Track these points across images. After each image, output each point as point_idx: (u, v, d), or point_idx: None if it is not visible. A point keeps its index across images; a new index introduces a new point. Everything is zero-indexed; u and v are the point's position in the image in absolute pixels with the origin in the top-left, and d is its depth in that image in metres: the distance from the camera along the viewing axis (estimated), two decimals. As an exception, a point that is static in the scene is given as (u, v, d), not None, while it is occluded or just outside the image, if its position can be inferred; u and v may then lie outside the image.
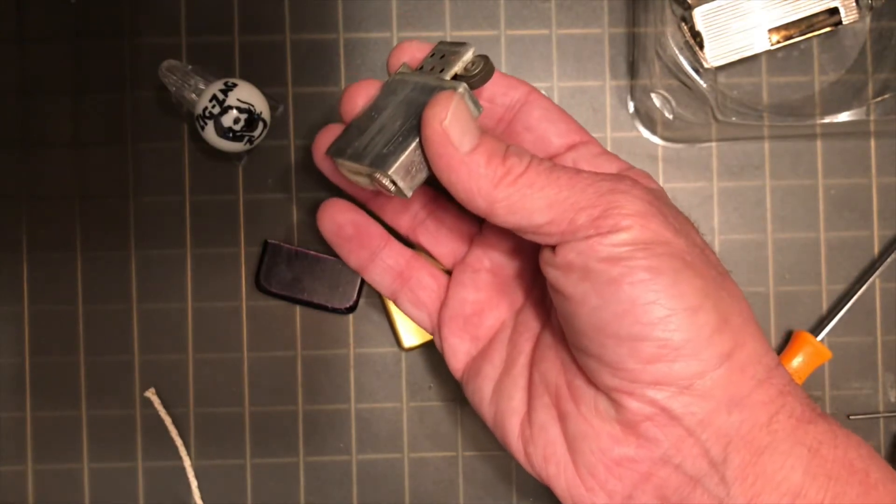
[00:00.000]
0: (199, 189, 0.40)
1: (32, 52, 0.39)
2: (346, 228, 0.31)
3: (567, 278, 0.25)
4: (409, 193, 0.26)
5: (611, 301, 0.24)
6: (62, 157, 0.39)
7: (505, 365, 0.30)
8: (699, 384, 0.24)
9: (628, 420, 0.25)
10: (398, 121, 0.27)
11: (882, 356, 0.40)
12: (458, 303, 0.31)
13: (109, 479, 0.39)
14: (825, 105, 0.40)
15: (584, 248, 0.24)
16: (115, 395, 0.39)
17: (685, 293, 0.24)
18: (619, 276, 0.24)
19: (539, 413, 0.28)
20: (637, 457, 0.25)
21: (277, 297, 0.39)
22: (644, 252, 0.24)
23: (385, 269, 0.32)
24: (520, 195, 0.25)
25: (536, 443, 0.27)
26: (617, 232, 0.24)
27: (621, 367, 0.24)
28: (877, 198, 0.40)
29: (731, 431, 0.24)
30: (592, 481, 0.26)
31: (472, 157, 0.25)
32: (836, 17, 0.39)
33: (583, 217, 0.24)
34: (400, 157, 0.26)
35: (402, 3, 0.40)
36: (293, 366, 0.40)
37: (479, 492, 0.40)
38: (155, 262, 0.39)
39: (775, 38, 0.39)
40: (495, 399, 0.29)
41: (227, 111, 0.35)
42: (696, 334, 0.24)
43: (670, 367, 0.24)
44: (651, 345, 0.24)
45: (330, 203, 0.31)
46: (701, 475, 0.24)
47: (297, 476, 0.40)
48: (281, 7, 0.40)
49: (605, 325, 0.24)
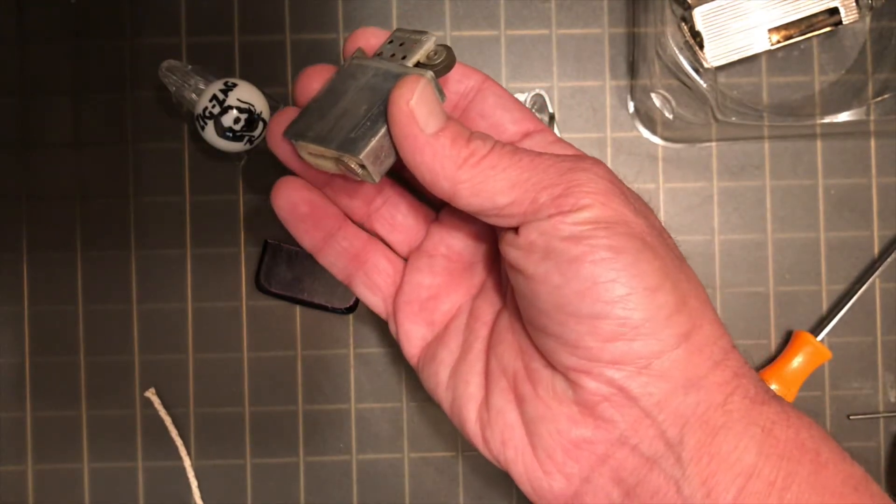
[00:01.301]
0: (199, 189, 0.40)
1: (32, 52, 0.39)
2: (300, 207, 0.30)
3: (529, 258, 0.25)
4: (378, 178, 0.26)
5: (572, 279, 0.24)
6: (62, 157, 0.39)
7: (461, 350, 0.30)
8: (657, 364, 0.24)
9: (586, 401, 0.25)
10: (363, 105, 0.27)
11: (882, 356, 0.40)
12: (413, 287, 0.31)
13: (109, 479, 0.39)
14: (825, 105, 0.40)
15: (547, 228, 0.24)
16: (115, 395, 0.39)
17: (645, 272, 0.24)
18: (580, 255, 0.24)
19: (496, 397, 0.28)
20: (594, 438, 0.25)
21: (277, 297, 0.39)
22: (605, 231, 0.24)
23: (340, 251, 0.31)
24: (483, 176, 0.25)
25: (494, 427, 0.27)
26: (578, 210, 0.24)
27: (580, 345, 0.25)
28: (877, 198, 0.40)
29: (687, 412, 0.24)
30: (550, 464, 0.26)
31: (437, 138, 0.25)
32: (836, 17, 0.39)
33: (544, 196, 0.25)
34: (370, 141, 0.26)
35: (402, 3, 0.40)
36: (293, 366, 0.40)
37: (479, 492, 0.40)
38: (155, 262, 0.39)
39: (775, 38, 0.39)
40: (451, 384, 0.29)
41: (227, 111, 0.35)
42: (655, 314, 0.24)
43: (629, 345, 0.24)
44: (611, 323, 0.24)
45: (285, 181, 0.30)
46: (657, 456, 0.25)
47: (297, 476, 0.40)
48: (281, 7, 0.40)
49: (566, 304, 0.24)
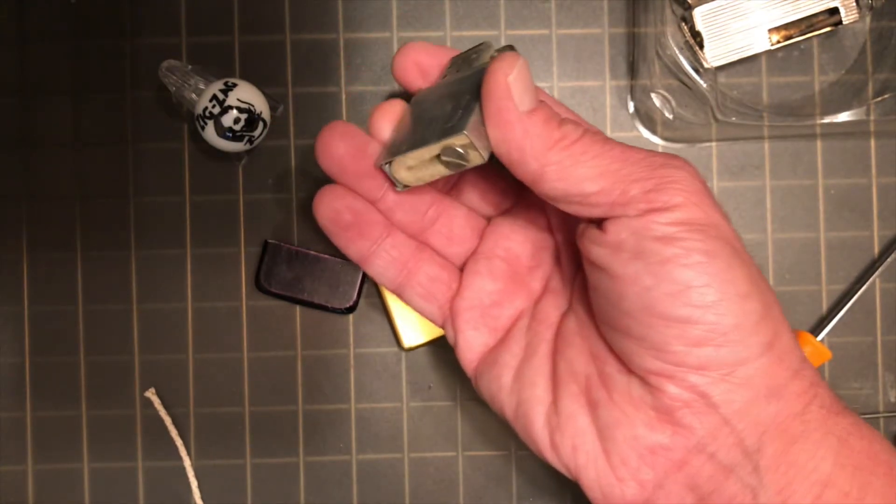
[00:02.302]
0: (199, 189, 0.40)
1: (32, 52, 0.39)
2: (343, 215, 0.29)
3: (616, 257, 0.24)
4: (486, 155, 0.26)
5: (663, 281, 0.24)
6: (62, 157, 0.39)
7: (524, 353, 0.29)
8: (741, 372, 0.24)
9: (665, 406, 0.25)
10: (448, 106, 0.26)
11: (882, 356, 0.40)
12: (475, 293, 0.30)
13: (109, 479, 0.39)
14: (825, 105, 0.40)
15: (638, 226, 0.24)
16: (115, 395, 0.39)
17: (737, 279, 0.24)
18: (673, 257, 0.23)
19: (566, 402, 0.27)
20: (671, 445, 0.25)
21: (277, 297, 0.39)
22: (699, 234, 0.24)
23: (389, 260, 0.30)
24: (572, 161, 0.25)
25: (564, 432, 0.27)
26: (671, 209, 0.24)
27: (667, 349, 0.24)
28: (877, 198, 0.40)
29: (766, 421, 0.24)
30: (624, 470, 0.26)
31: (530, 116, 0.25)
32: (836, 17, 0.39)
33: (635, 189, 0.24)
34: (469, 117, 0.25)
35: (402, 3, 0.40)
36: (293, 366, 0.40)
37: (479, 492, 0.40)
38: (155, 262, 0.39)
39: (775, 38, 0.39)
40: (516, 388, 0.28)
41: (227, 111, 0.35)
42: (744, 321, 0.24)
43: (716, 351, 0.24)
44: (700, 328, 0.24)
45: (328, 189, 0.29)
46: (735, 464, 0.24)
47: (297, 476, 0.40)
48: (281, 7, 0.40)
49: (655, 306, 0.24)
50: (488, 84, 0.25)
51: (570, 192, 0.25)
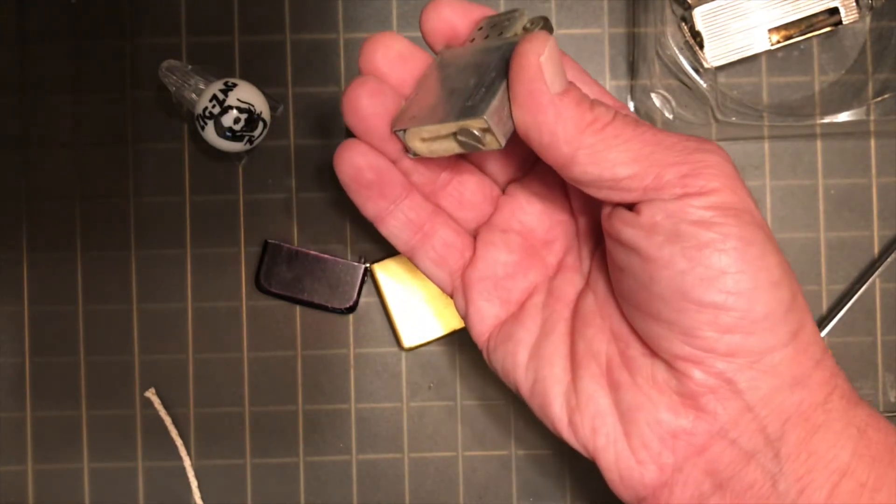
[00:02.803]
0: (199, 189, 0.40)
1: (32, 52, 0.39)
2: (365, 173, 0.28)
3: (651, 240, 0.24)
4: (504, 141, 0.25)
5: (698, 265, 0.23)
6: (62, 157, 0.39)
7: (541, 331, 0.28)
8: (767, 360, 0.24)
9: (690, 391, 0.25)
10: (471, 79, 0.26)
11: (882, 356, 0.40)
12: (489, 264, 0.29)
13: (109, 479, 0.39)
14: (825, 105, 0.40)
15: (674, 209, 0.24)
16: (115, 395, 0.39)
17: (771, 266, 0.24)
18: (710, 241, 0.23)
19: (586, 382, 0.27)
20: (694, 429, 0.25)
21: (277, 297, 0.39)
22: (735, 220, 0.24)
23: (406, 221, 0.29)
24: (605, 144, 0.24)
25: (584, 413, 0.27)
26: (707, 194, 0.23)
27: (697, 334, 0.24)
28: (877, 198, 0.40)
29: (789, 409, 0.24)
30: (644, 453, 0.25)
31: (562, 98, 0.24)
32: (836, 17, 0.39)
33: (670, 173, 0.24)
34: (491, 101, 0.24)
35: (402, 3, 0.40)
36: (293, 366, 0.40)
37: (479, 492, 0.40)
38: (155, 262, 0.39)
39: (775, 38, 0.39)
40: (532, 366, 0.28)
41: (227, 111, 0.35)
42: (775, 309, 0.24)
43: (746, 339, 0.24)
44: (733, 315, 0.23)
45: (350, 143, 0.28)
46: (756, 450, 0.24)
47: (297, 476, 0.40)
48: (281, 7, 0.40)
49: (688, 290, 0.24)
50: (518, 65, 0.24)
51: (602, 177, 0.24)
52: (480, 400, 0.40)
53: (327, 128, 0.40)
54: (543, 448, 0.40)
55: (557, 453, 0.40)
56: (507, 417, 0.40)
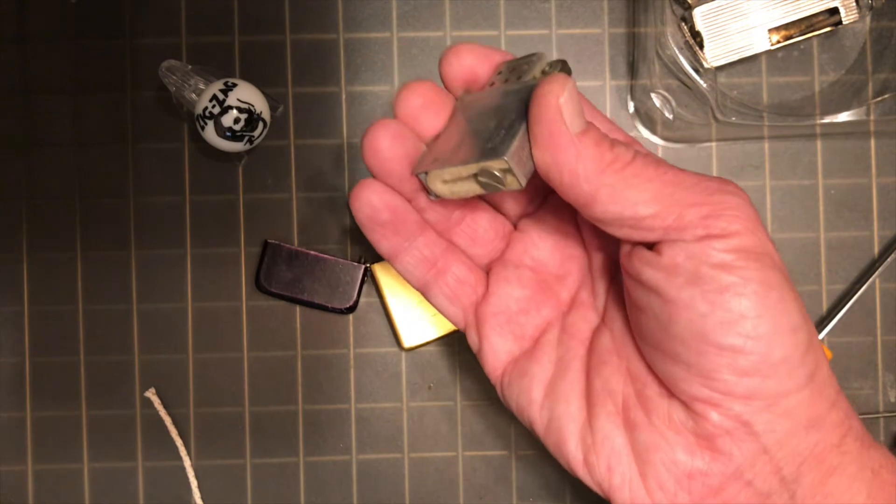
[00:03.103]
0: (199, 189, 0.40)
1: (32, 52, 0.39)
2: (382, 213, 0.28)
3: (671, 281, 0.24)
4: (524, 182, 0.25)
5: (719, 309, 0.23)
6: (62, 157, 0.39)
7: (556, 368, 0.29)
8: (784, 402, 0.24)
9: (706, 432, 0.25)
10: (492, 122, 0.26)
11: (882, 356, 0.40)
12: (502, 299, 0.30)
13: (109, 479, 0.39)
14: (825, 105, 0.40)
15: (696, 251, 0.24)
16: (115, 395, 0.39)
17: (790, 311, 0.24)
18: (731, 285, 0.23)
19: (601, 421, 0.27)
20: (710, 471, 0.25)
21: (277, 297, 0.39)
22: (756, 263, 0.24)
23: (420, 258, 0.29)
24: (625, 184, 0.24)
25: (600, 452, 0.27)
26: (729, 236, 0.24)
27: (715, 377, 0.24)
28: (877, 198, 0.40)
29: (805, 451, 0.24)
30: (660, 494, 0.26)
31: (582, 139, 0.24)
32: (836, 17, 0.39)
33: (691, 214, 0.24)
34: (511, 142, 0.25)
35: (402, 3, 0.40)
36: (293, 366, 0.40)
37: (479, 492, 0.40)
38: (155, 262, 0.39)
39: (775, 38, 0.39)
40: (548, 404, 0.28)
41: (227, 111, 0.35)
42: (793, 352, 0.24)
43: (764, 382, 0.24)
44: (752, 358, 0.24)
45: (366, 183, 0.28)
46: (771, 492, 0.25)
47: (297, 476, 0.40)
48: (281, 7, 0.40)
49: (708, 333, 0.24)
50: (538, 106, 0.24)
51: (623, 216, 0.24)
52: (480, 400, 0.40)
53: (327, 128, 0.40)
54: (543, 448, 0.40)
55: (557, 453, 0.40)
56: (507, 417, 0.40)
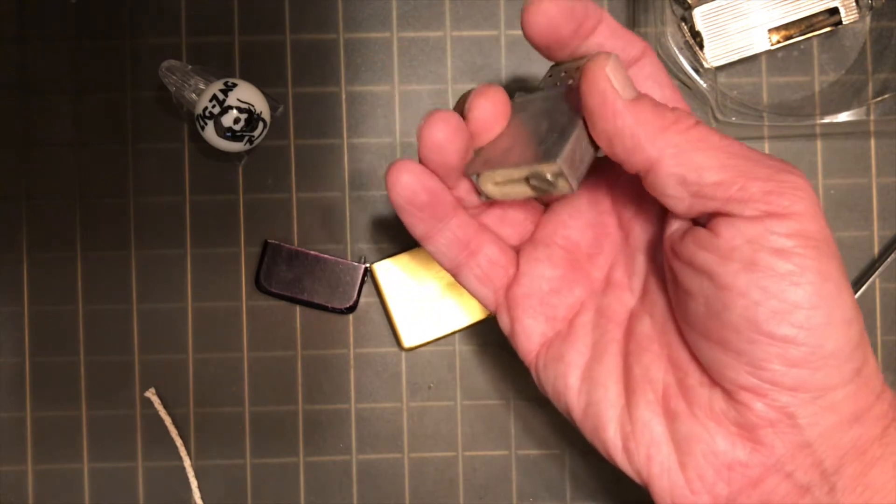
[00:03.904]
0: (199, 189, 0.40)
1: (32, 52, 0.39)
2: (420, 196, 0.28)
3: (726, 266, 0.23)
4: (577, 186, 0.25)
5: (774, 297, 0.23)
6: (62, 157, 0.39)
7: (592, 353, 0.28)
8: (831, 396, 0.24)
9: (749, 423, 0.25)
10: (543, 124, 0.26)
11: (882, 356, 0.40)
12: (533, 279, 0.29)
13: (109, 479, 0.39)
14: (825, 105, 0.40)
15: (755, 235, 0.23)
16: (115, 395, 0.39)
17: (845, 304, 0.24)
18: (788, 273, 0.23)
19: (641, 409, 0.27)
20: (750, 462, 0.25)
21: (277, 297, 0.39)
22: (815, 252, 0.23)
23: (452, 240, 0.29)
24: (691, 146, 0.24)
25: (639, 440, 0.26)
26: (790, 217, 0.23)
27: (764, 366, 0.24)
28: (877, 198, 0.40)
29: (846, 444, 0.24)
30: (699, 484, 0.25)
31: (638, 103, 0.24)
32: (836, 17, 0.39)
33: (755, 187, 0.23)
34: (564, 146, 0.25)
35: (402, 3, 0.40)
36: (293, 366, 0.40)
37: (479, 492, 0.40)
38: (155, 262, 0.39)
39: (775, 38, 0.39)
40: (585, 388, 0.28)
41: (227, 111, 0.35)
42: (844, 346, 0.24)
43: (813, 374, 0.23)
44: (803, 349, 0.23)
45: (404, 164, 0.27)
46: (811, 485, 0.24)
47: (297, 476, 0.40)
48: (281, 7, 0.40)
49: (763, 322, 0.23)
50: (587, 81, 0.24)
51: (688, 180, 0.24)
52: (480, 400, 0.40)
53: (327, 128, 0.40)
54: (543, 448, 0.40)
55: (558, 453, 0.40)
56: (507, 417, 0.40)
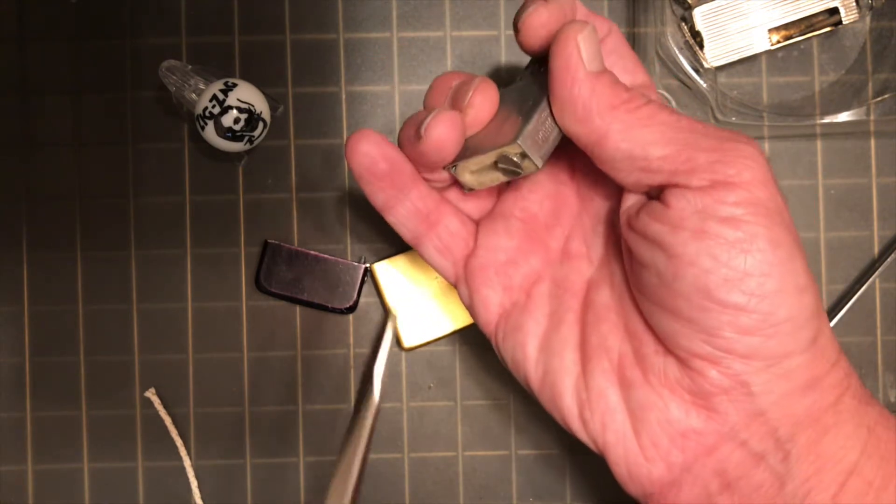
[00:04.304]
0: (199, 189, 0.40)
1: (32, 52, 0.39)
2: (379, 164, 0.28)
3: (677, 235, 0.24)
4: (541, 163, 0.26)
5: (724, 265, 0.23)
6: (62, 157, 0.39)
7: (549, 322, 0.28)
8: (785, 364, 0.24)
9: (703, 391, 0.25)
10: (513, 110, 0.27)
11: (882, 356, 0.40)
12: (489, 251, 0.30)
13: (109, 479, 0.39)
14: (825, 105, 0.40)
15: (704, 205, 0.23)
16: (115, 395, 0.39)
17: (798, 272, 0.24)
18: (737, 241, 0.23)
19: (596, 378, 0.27)
20: (704, 430, 0.25)
21: (277, 297, 0.39)
22: (766, 220, 0.23)
23: (413, 211, 0.29)
24: (639, 123, 0.24)
25: (594, 409, 0.27)
26: (738, 187, 0.23)
27: (717, 334, 0.24)
28: (877, 198, 0.40)
29: (800, 412, 0.24)
30: (653, 451, 0.26)
31: (598, 77, 0.25)
32: (836, 17, 0.39)
33: (702, 158, 0.24)
34: (525, 126, 0.25)
35: (402, 3, 0.40)
36: (293, 366, 0.40)
37: (479, 492, 0.40)
38: (155, 262, 0.39)
39: (775, 38, 0.39)
40: (543, 358, 0.28)
41: (227, 111, 0.35)
42: (798, 314, 0.24)
43: (766, 342, 0.24)
44: (755, 317, 0.23)
45: (363, 134, 0.28)
46: (765, 452, 0.24)
47: (297, 476, 0.40)
48: (281, 7, 0.40)
49: (712, 290, 0.23)
50: (558, 44, 0.25)
51: (634, 154, 0.24)
52: (480, 400, 0.40)
53: (327, 128, 0.40)
54: (543, 448, 0.40)
55: (557, 453, 0.40)
56: (507, 417, 0.40)
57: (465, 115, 0.27)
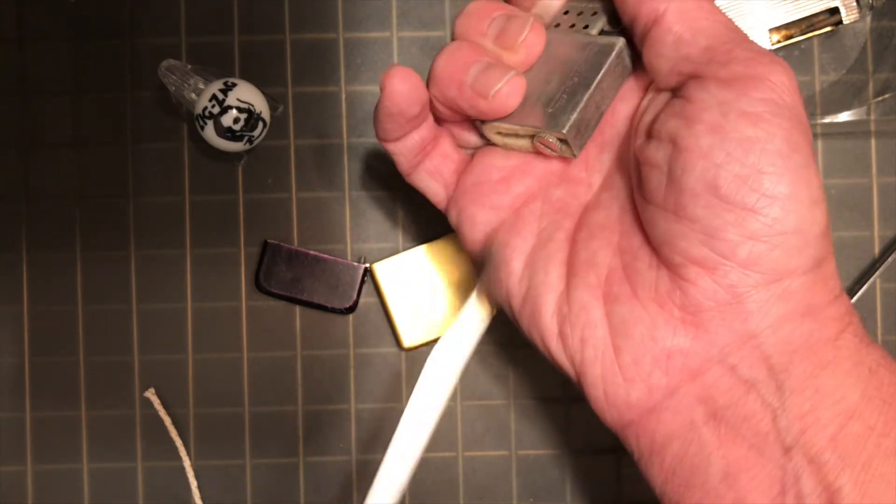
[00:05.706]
0: (199, 189, 0.40)
1: (32, 52, 0.39)
2: (413, 107, 0.27)
3: (692, 128, 0.23)
4: (578, 153, 0.26)
5: (736, 161, 0.22)
6: (62, 157, 0.39)
7: (538, 239, 0.27)
8: (786, 282, 0.23)
9: (693, 304, 0.23)
10: (555, 79, 0.26)
11: (882, 356, 0.40)
12: (484, 168, 0.29)
13: (109, 479, 0.39)
14: (825, 105, 0.40)
15: (727, 98, 0.23)
16: (115, 395, 0.39)
17: (812, 182, 0.23)
18: (754, 137, 0.22)
19: (580, 292, 0.25)
20: (691, 350, 0.23)
21: (277, 297, 0.39)
22: (787, 121, 0.23)
23: (418, 141, 0.29)
24: (697, 12, 0.25)
25: (574, 322, 0.25)
26: (766, 85, 0.23)
27: (719, 235, 0.22)
28: (877, 198, 0.40)
29: (797, 340, 0.23)
30: (634, 371, 0.24)
31: None
32: (836, 16, 0.39)
33: (742, 54, 0.23)
34: (572, 115, 0.25)
35: (402, 3, 0.40)
36: (293, 366, 0.40)
37: (479, 492, 0.40)
38: (155, 262, 0.39)
39: (775, 37, 0.39)
40: (527, 273, 0.27)
41: (226, 111, 0.35)
42: (808, 228, 0.23)
43: (770, 252, 0.22)
44: (762, 219, 0.22)
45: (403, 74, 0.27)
46: (756, 380, 0.23)
47: (297, 476, 0.40)
48: (281, 7, 0.40)
49: (722, 186, 0.22)
50: None
51: (682, 39, 0.24)
52: (480, 400, 0.40)
53: (327, 128, 0.40)
54: (543, 448, 0.40)
55: (557, 453, 0.40)
56: (507, 418, 0.40)
57: (516, 54, 0.27)
